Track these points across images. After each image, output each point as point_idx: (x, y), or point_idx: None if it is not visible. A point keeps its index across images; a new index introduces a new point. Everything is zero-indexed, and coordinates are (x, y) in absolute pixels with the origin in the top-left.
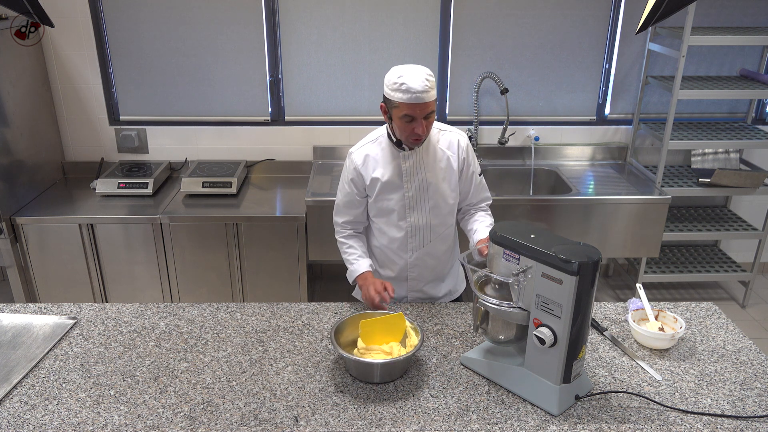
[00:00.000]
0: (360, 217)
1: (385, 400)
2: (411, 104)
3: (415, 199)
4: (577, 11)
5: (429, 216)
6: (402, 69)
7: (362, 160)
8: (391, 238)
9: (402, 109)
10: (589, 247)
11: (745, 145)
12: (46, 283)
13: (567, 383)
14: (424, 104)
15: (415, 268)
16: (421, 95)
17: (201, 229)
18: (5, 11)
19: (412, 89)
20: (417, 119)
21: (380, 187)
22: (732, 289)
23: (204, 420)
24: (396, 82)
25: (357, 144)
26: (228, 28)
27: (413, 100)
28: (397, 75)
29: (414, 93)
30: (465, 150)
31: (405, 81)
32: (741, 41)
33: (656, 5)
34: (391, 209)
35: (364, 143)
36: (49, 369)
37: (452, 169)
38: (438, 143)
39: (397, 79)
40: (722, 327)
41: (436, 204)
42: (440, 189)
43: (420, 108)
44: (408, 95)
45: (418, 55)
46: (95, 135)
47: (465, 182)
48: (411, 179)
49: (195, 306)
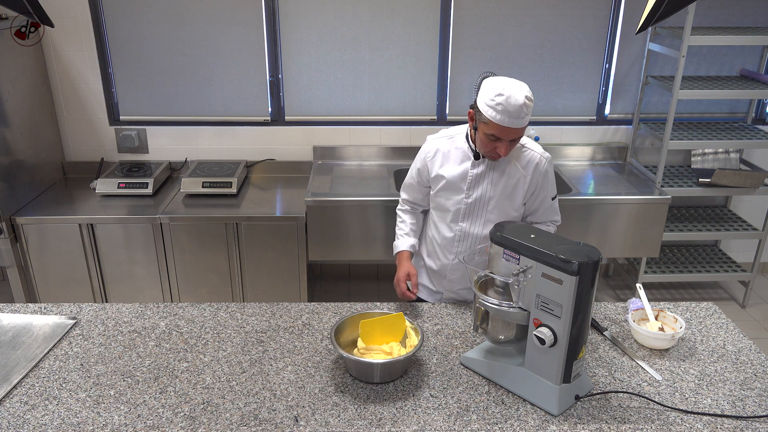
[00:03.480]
0: (420, 201)
1: (385, 400)
2: (503, 127)
3: (473, 207)
4: (577, 11)
5: (482, 227)
6: (504, 85)
7: (433, 152)
8: (442, 236)
9: (491, 128)
10: (589, 247)
11: (745, 145)
12: (46, 283)
13: (567, 383)
14: (514, 129)
15: (456, 272)
16: (515, 121)
17: (201, 229)
18: (5, 11)
19: (509, 112)
20: (503, 141)
21: (443, 184)
22: (732, 289)
23: (204, 420)
24: (494, 99)
25: (436, 134)
26: (228, 28)
27: (506, 124)
28: (497, 92)
29: (509, 117)
30: (542, 174)
31: (504, 103)
32: (741, 41)
33: (656, 5)
34: (447, 209)
35: (441, 136)
36: (49, 369)
37: (521, 189)
38: (516, 159)
39: (496, 97)
40: (722, 327)
41: (494, 218)
42: (501, 205)
43: (510, 132)
44: (502, 117)
45: (418, 55)
46: (95, 135)
47: (533, 203)
48: (474, 187)
49: (195, 306)
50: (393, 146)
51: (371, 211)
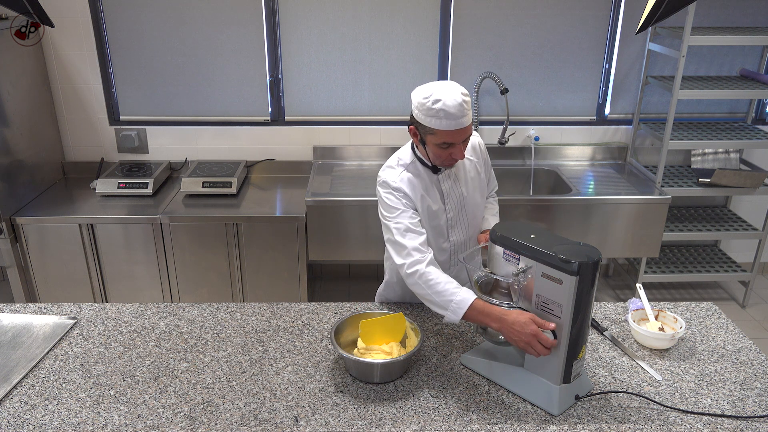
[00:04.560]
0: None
1: (385, 400)
2: (451, 131)
3: (455, 218)
4: (577, 11)
5: (468, 229)
6: (435, 90)
7: (407, 185)
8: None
9: (440, 137)
10: (589, 247)
11: (745, 145)
12: (46, 283)
13: (567, 383)
14: (464, 129)
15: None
16: (460, 120)
17: (201, 229)
18: (5, 11)
19: (451, 114)
20: (456, 145)
21: (428, 215)
22: (732, 289)
23: (204, 420)
24: (431, 108)
25: (389, 171)
26: (228, 28)
27: (453, 127)
28: (431, 98)
29: (454, 119)
30: (483, 151)
31: (442, 107)
32: (741, 41)
33: (656, 5)
34: (434, 235)
35: (398, 166)
36: (49, 369)
37: (480, 175)
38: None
39: (432, 104)
40: (722, 327)
41: (473, 215)
42: (474, 200)
43: (460, 134)
44: (447, 122)
45: (418, 55)
46: (95, 135)
47: (487, 180)
48: (450, 200)
49: (195, 306)
50: (393, 146)
51: (371, 211)
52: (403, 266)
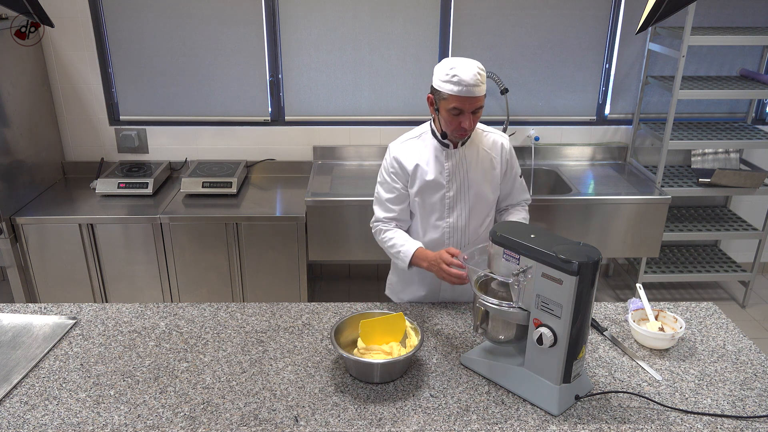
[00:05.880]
0: (404, 214)
1: (385, 400)
2: (461, 97)
3: (456, 199)
4: (577, 11)
5: (468, 217)
6: (454, 61)
7: (405, 154)
8: (430, 238)
9: (451, 102)
10: (589, 247)
11: (745, 145)
12: (46, 283)
13: (567, 383)
14: (474, 98)
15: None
16: (472, 89)
17: (201, 229)
18: (5, 11)
19: (464, 81)
20: (465, 113)
21: (422, 185)
22: (732, 289)
23: (204, 420)
24: (448, 74)
25: (398, 139)
26: (228, 28)
27: (464, 93)
28: (449, 67)
29: (465, 86)
30: (508, 152)
31: (457, 73)
32: (741, 41)
33: (656, 5)
34: (430, 210)
35: (407, 139)
36: (49, 369)
37: (494, 170)
38: (481, 143)
39: (449, 70)
40: (722, 327)
41: (477, 204)
42: (482, 189)
43: (470, 102)
44: (459, 87)
45: (418, 55)
46: (95, 135)
47: (506, 184)
48: (453, 179)
49: (195, 306)
50: None
51: (371, 211)
52: (371, 225)
